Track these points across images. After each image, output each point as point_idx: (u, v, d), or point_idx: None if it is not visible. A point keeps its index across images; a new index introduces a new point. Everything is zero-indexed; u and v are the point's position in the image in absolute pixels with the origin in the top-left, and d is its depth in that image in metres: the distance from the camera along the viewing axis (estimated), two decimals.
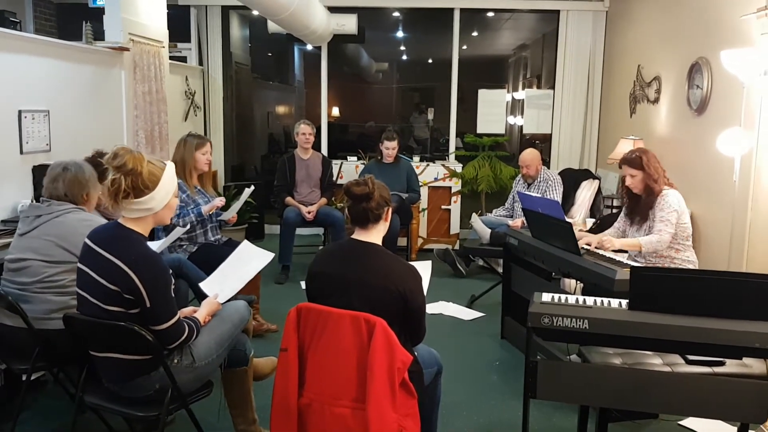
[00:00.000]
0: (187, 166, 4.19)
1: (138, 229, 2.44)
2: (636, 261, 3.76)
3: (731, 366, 2.54)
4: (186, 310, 2.68)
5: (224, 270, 3.14)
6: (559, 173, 6.49)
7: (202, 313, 2.66)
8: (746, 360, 2.55)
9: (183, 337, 2.47)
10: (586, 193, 6.18)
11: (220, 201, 4.23)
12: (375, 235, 2.52)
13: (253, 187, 4.74)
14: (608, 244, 3.70)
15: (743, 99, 4.04)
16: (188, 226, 4.06)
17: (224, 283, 2.99)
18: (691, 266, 3.78)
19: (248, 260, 3.18)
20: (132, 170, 2.34)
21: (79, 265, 2.45)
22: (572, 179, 6.35)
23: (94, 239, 2.44)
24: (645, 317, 2.38)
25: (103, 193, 2.89)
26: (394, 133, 6.25)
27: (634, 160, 3.79)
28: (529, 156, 5.68)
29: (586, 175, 6.41)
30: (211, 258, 4.01)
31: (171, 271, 2.52)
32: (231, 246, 4.03)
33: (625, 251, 3.83)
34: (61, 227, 2.88)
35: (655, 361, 2.63)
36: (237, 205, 4.48)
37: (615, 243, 3.71)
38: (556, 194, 5.60)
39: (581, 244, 3.70)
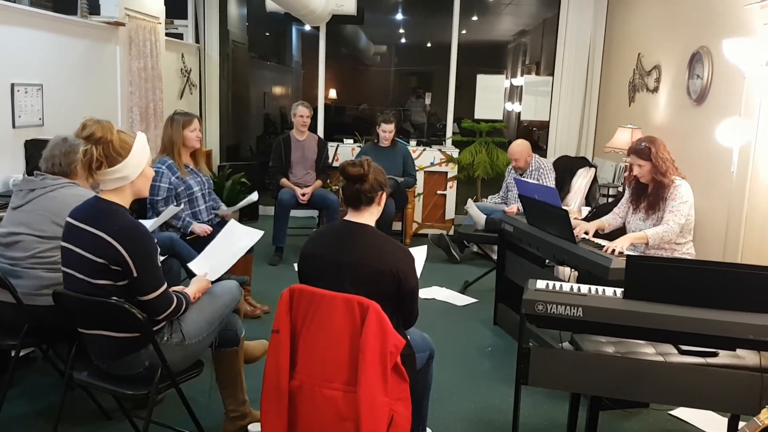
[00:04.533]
0: (176, 146, 4.11)
1: (118, 201, 2.41)
2: (635, 249, 3.71)
3: (724, 357, 2.53)
4: (176, 288, 2.65)
5: (213, 249, 3.11)
6: (555, 161, 6.47)
7: (191, 290, 2.63)
8: (739, 351, 2.54)
9: (171, 308, 2.44)
10: (581, 181, 6.15)
11: (208, 229, 4.09)
12: (367, 217, 2.50)
13: (257, 195, 4.71)
14: (618, 248, 3.39)
15: (744, 89, 4.02)
16: (181, 206, 4.03)
17: (213, 261, 2.97)
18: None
19: (237, 239, 3.16)
20: (102, 138, 2.31)
21: (63, 243, 2.42)
22: (568, 167, 6.32)
23: (76, 216, 2.41)
24: (639, 306, 2.38)
25: (77, 167, 2.85)
26: (392, 116, 6.20)
27: (642, 151, 3.66)
28: (518, 148, 5.61)
29: (582, 162, 6.38)
30: (203, 238, 3.99)
31: (162, 249, 2.50)
32: (223, 226, 4.00)
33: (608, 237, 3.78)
34: (55, 202, 2.85)
35: (648, 351, 2.63)
36: (238, 206, 4.47)
37: (625, 245, 3.44)
38: (549, 182, 5.57)
39: (579, 233, 3.67)
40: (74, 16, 4.82)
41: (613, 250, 3.37)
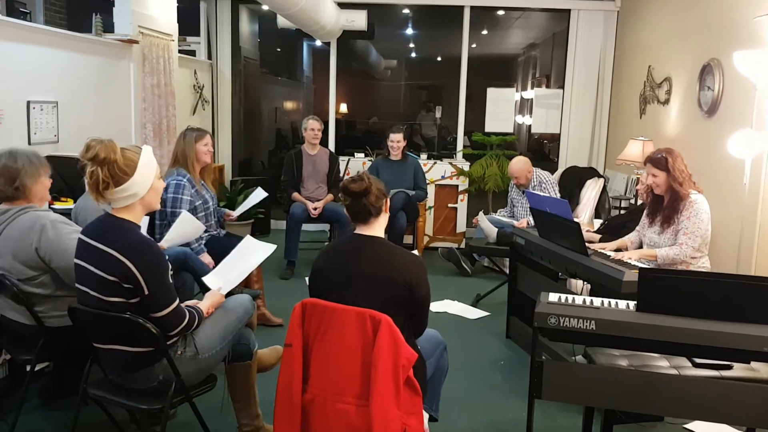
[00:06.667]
0: (189, 160, 4.09)
1: (129, 218, 2.42)
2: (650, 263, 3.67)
3: (739, 370, 2.52)
4: (188, 303, 2.67)
5: (227, 264, 3.13)
6: (564, 171, 6.45)
7: (205, 304, 2.65)
8: (754, 364, 2.53)
9: (184, 324, 2.46)
10: (590, 192, 6.11)
11: (211, 262, 3.91)
12: (377, 228, 2.53)
13: (263, 192, 4.74)
14: (626, 259, 3.45)
15: (755, 101, 4.01)
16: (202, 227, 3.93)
17: (227, 276, 2.99)
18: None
19: (251, 253, 3.17)
20: (105, 159, 2.32)
21: (76, 260, 2.44)
22: (576, 177, 6.29)
23: (88, 233, 2.43)
24: (653, 319, 2.37)
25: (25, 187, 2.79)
26: (401, 127, 6.23)
27: (658, 161, 3.64)
28: (517, 166, 5.58)
29: (590, 173, 6.33)
30: (214, 250, 3.99)
31: (176, 264, 2.51)
32: (231, 239, 4.02)
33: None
34: (10, 241, 2.75)
35: (662, 364, 2.61)
36: (246, 205, 4.48)
37: (632, 257, 3.49)
38: (554, 194, 5.55)
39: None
40: (89, 34, 4.89)
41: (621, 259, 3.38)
